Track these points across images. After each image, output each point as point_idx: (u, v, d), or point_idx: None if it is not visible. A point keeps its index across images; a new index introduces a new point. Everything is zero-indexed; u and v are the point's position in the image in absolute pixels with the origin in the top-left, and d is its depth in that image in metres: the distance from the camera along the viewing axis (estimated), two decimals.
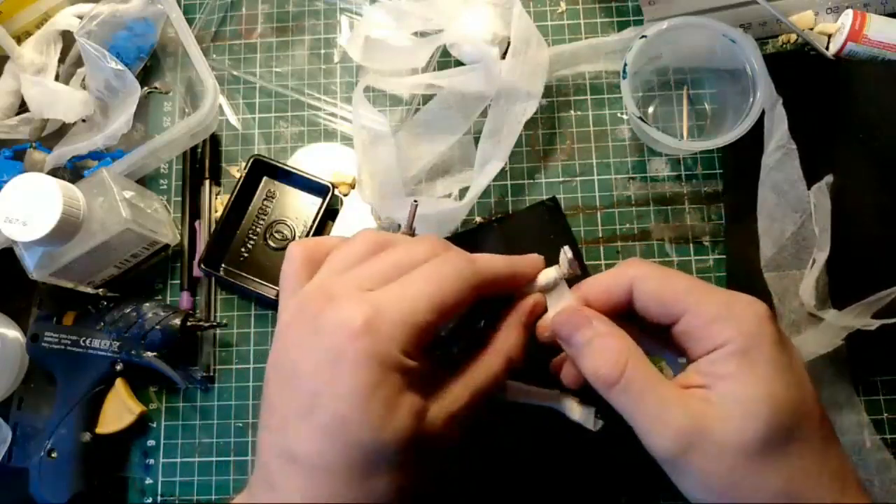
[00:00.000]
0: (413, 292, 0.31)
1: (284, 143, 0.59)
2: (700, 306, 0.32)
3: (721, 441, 0.30)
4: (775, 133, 0.49)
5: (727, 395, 0.31)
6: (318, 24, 0.61)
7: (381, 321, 0.30)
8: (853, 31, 0.53)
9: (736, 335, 0.31)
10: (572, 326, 0.34)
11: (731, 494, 0.30)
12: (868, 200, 0.51)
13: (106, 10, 0.55)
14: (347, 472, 0.29)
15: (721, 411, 0.30)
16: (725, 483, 0.30)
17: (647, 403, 0.31)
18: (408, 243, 0.34)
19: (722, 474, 0.30)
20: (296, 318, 0.32)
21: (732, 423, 0.30)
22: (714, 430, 0.30)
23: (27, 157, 0.55)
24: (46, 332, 0.53)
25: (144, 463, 0.54)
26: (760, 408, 0.30)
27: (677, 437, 0.30)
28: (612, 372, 0.32)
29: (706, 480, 0.31)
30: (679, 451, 0.30)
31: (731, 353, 0.31)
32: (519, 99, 0.52)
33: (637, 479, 0.50)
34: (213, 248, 0.55)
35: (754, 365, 0.31)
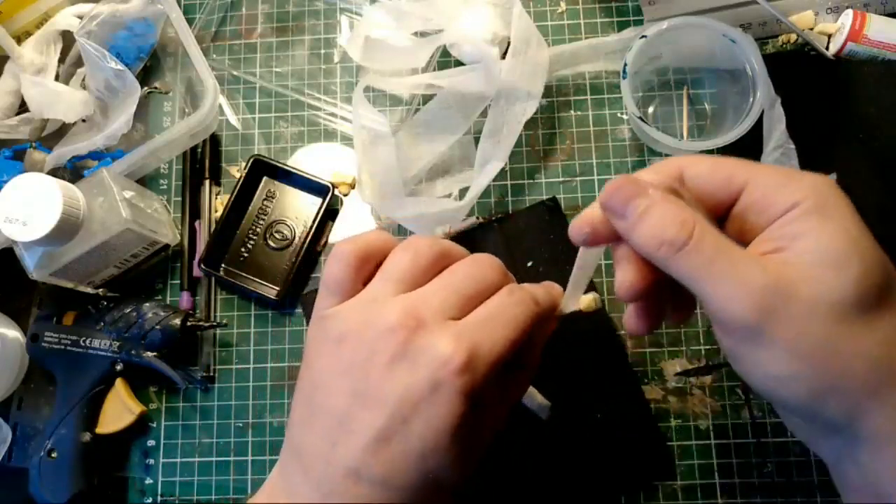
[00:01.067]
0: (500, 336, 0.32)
1: (284, 143, 0.59)
2: (762, 174, 0.30)
3: (810, 298, 0.27)
4: (774, 133, 0.49)
5: (810, 251, 0.28)
6: (318, 24, 0.61)
7: (478, 362, 0.31)
8: (853, 31, 0.53)
9: (809, 193, 0.28)
10: (626, 196, 0.30)
11: (825, 362, 0.27)
12: (868, 200, 0.51)
13: (106, 10, 0.55)
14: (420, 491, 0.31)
15: (806, 269, 0.27)
16: (817, 348, 0.27)
17: (721, 264, 0.28)
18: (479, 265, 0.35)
19: (813, 337, 0.27)
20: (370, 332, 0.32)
21: (822, 278, 0.27)
22: (801, 287, 0.27)
23: (27, 157, 0.55)
24: (46, 332, 0.53)
25: (144, 463, 0.54)
26: (851, 260, 0.27)
27: (760, 299, 0.27)
28: (681, 233, 0.28)
29: (794, 347, 0.27)
30: (762, 314, 0.27)
31: (807, 211, 0.28)
32: (519, 99, 0.52)
33: (636, 480, 0.50)
34: (213, 248, 0.55)
35: (834, 220, 0.28)
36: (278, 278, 0.55)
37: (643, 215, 0.29)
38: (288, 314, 0.55)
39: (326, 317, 0.34)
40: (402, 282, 0.33)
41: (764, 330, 0.27)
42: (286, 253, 0.56)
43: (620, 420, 0.50)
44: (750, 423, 0.50)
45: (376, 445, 0.30)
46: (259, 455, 0.53)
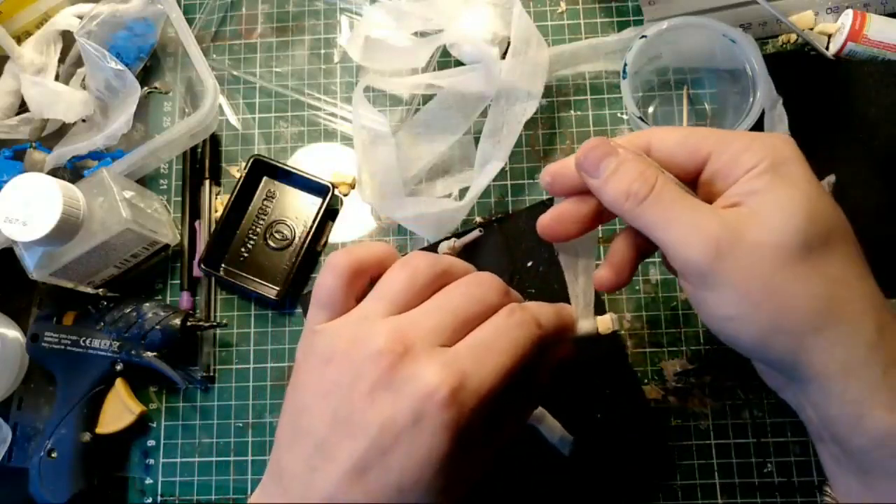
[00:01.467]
0: (493, 365, 0.30)
1: (284, 143, 0.59)
2: (726, 143, 0.32)
3: (759, 241, 0.29)
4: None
5: (762, 202, 0.30)
6: (318, 24, 0.61)
7: (466, 395, 0.29)
8: (853, 31, 0.53)
9: (766, 155, 0.31)
10: (599, 155, 0.33)
11: (770, 301, 0.30)
12: (868, 200, 0.51)
13: (106, 10, 0.55)
14: None
15: (757, 217, 0.30)
16: (763, 287, 0.29)
17: (678, 213, 0.31)
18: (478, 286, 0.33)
19: (761, 278, 0.29)
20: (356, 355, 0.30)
21: (770, 223, 0.30)
22: (750, 232, 0.30)
23: (27, 157, 0.55)
24: (46, 332, 0.53)
25: (144, 463, 0.54)
26: (798, 209, 0.30)
27: (711, 242, 0.30)
28: (643, 186, 0.31)
29: (742, 287, 0.30)
30: (713, 257, 0.30)
31: (763, 170, 0.31)
32: (519, 99, 0.52)
33: (636, 480, 0.50)
34: (213, 248, 0.55)
35: (787, 176, 0.31)
36: (278, 278, 0.55)
37: (613, 173, 0.32)
38: (288, 314, 0.55)
39: (316, 332, 0.32)
40: (395, 302, 0.32)
41: (716, 273, 0.30)
42: (286, 253, 0.56)
43: (620, 420, 0.50)
44: (750, 423, 0.50)
45: (354, 475, 0.29)
46: (259, 455, 0.53)
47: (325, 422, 0.30)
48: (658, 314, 0.52)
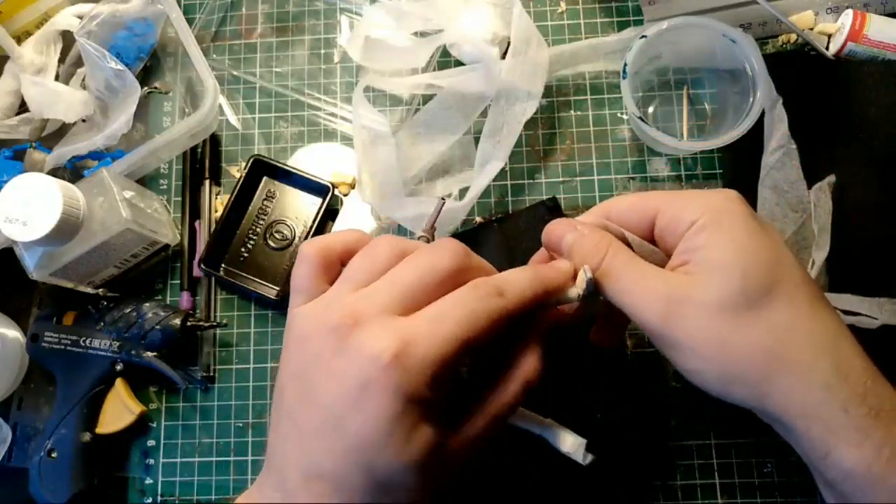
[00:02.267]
0: (445, 333, 0.31)
1: (284, 143, 0.59)
2: (672, 202, 0.35)
3: (701, 301, 0.32)
4: (775, 133, 0.49)
5: (702, 262, 0.33)
6: (318, 24, 0.61)
7: (411, 358, 0.30)
8: (853, 31, 0.53)
9: (704, 211, 0.33)
10: (560, 232, 0.37)
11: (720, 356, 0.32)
12: (868, 200, 0.51)
13: (106, 10, 0.55)
14: (367, 491, 0.31)
15: (698, 277, 0.33)
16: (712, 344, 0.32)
17: (628, 280, 0.34)
18: (430, 253, 0.33)
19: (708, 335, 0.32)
20: (318, 332, 0.32)
21: (710, 283, 0.32)
22: (693, 293, 0.32)
23: (27, 157, 0.55)
24: (46, 332, 0.53)
25: (144, 463, 0.54)
26: (735, 264, 0.32)
27: (660, 305, 0.32)
28: (594, 258, 0.35)
29: (694, 344, 0.32)
30: (664, 319, 0.32)
31: (702, 227, 0.33)
32: (519, 99, 0.52)
33: (636, 480, 0.50)
34: (213, 248, 0.55)
35: (724, 231, 0.33)
36: (278, 278, 0.55)
37: (573, 247, 0.36)
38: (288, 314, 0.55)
39: (291, 315, 0.34)
40: (356, 282, 0.33)
41: (669, 333, 0.33)
42: (286, 253, 0.56)
43: (620, 420, 0.50)
44: (750, 424, 0.50)
45: (319, 442, 0.31)
46: (259, 455, 0.53)
47: (294, 399, 0.32)
48: None
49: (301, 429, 0.32)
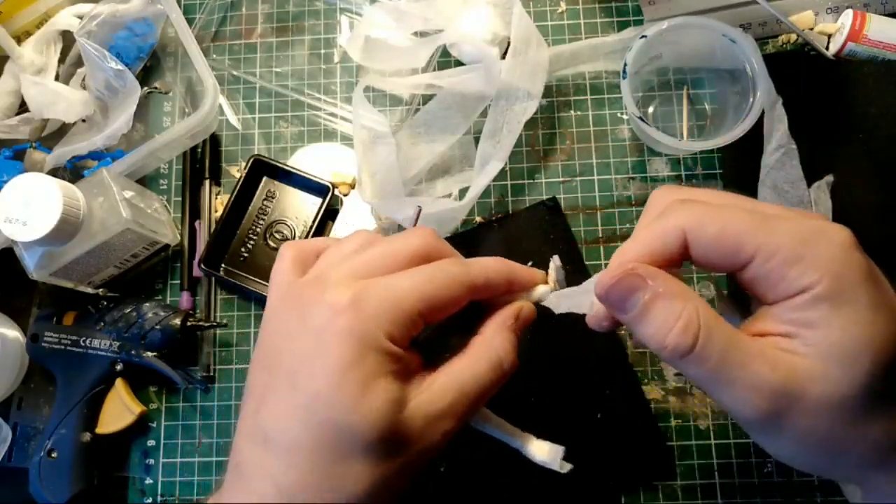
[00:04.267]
0: (403, 282, 0.31)
1: (284, 143, 0.59)
2: (771, 247, 0.27)
3: (819, 398, 0.27)
4: (775, 133, 0.49)
5: (819, 344, 0.27)
6: (318, 24, 0.61)
7: (366, 300, 0.29)
8: (853, 31, 0.53)
9: (821, 277, 0.27)
10: (624, 289, 0.28)
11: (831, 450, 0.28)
12: (868, 200, 0.51)
13: (106, 10, 0.55)
14: (318, 453, 0.28)
15: (815, 364, 0.27)
16: (824, 440, 0.28)
17: (729, 370, 0.27)
18: (400, 235, 0.34)
19: (821, 432, 0.27)
20: (284, 304, 0.32)
21: (830, 377, 0.27)
22: (810, 386, 0.27)
23: (27, 157, 0.55)
24: (46, 332, 0.53)
25: (144, 463, 0.54)
26: (860, 356, 0.26)
27: (769, 401, 0.27)
28: (685, 339, 0.27)
29: (804, 440, 0.28)
30: (772, 416, 0.27)
31: (818, 298, 0.27)
32: (519, 99, 0.52)
33: (636, 480, 0.50)
34: (213, 248, 0.55)
35: (847, 308, 0.27)
36: None
37: (644, 312, 0.28)
38: None
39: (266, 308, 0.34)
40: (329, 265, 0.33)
41: (774, 427, 0.28)
42: None
43: (620, 420, 0.50)
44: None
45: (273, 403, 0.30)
46: None
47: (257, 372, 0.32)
48: None
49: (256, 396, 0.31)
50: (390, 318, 0.29)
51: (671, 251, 0.29)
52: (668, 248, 0.29)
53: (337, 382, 0.28)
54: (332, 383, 0.28)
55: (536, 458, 0.34)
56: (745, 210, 0.29)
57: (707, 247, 0.29)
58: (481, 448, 0.49)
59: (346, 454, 0.29)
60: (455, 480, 0.50)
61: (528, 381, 0.50)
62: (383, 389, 0.29)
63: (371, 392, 0.28)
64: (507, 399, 0.40)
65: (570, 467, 0.33)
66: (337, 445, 0.28)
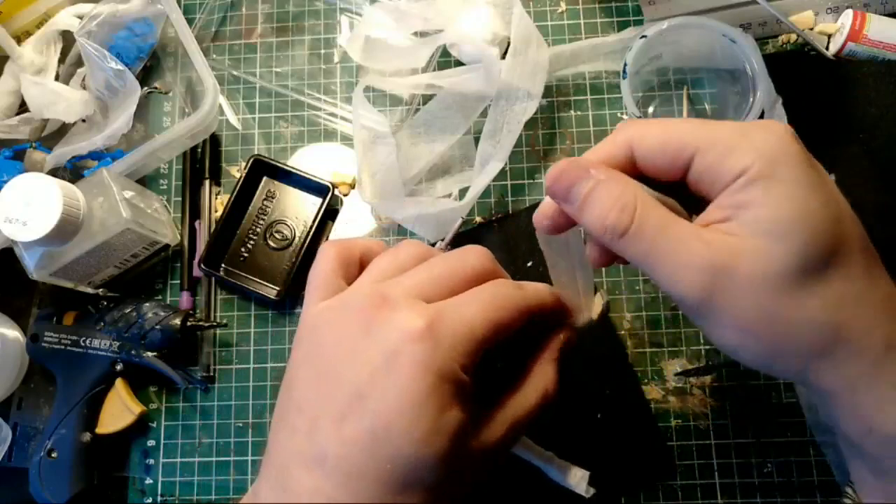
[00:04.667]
0: (473, 308, 0.30)
1: (284, 143, 0.59)
2: (711, 141, 0.28)
3: (751, 273, 0.27)
4: None
5: (753, 221, 0.27)
6: (318, 24, 0.61)
7: (443, 329, 0.29)
8: (853, 31, 0.53)
9: (756, 158, 0.27)
10: (568, 180, 0.29)
11: (768, 332, 0.28)
12: (868, 200, 0.51)
13: (106, 10, 0.55)
14: (382, 484, 0.28)
15: (748, 241, 0.27)
16: (761, 320, 0.27)
17: (664, 246, 0.28)
18: (460, 252, 0.33)
19: (756, 310, 0.27)
20: (341, 316, 0.31)
21: (762, 250, 0.27)
22: (742, 261, 0.27)
23: (27, 157, 0.55)
24: (46, 332, 0.53)
25: (144, 463, 0.54)
26: (793, 229, 0.27)
27: (702, 277, 0.27)
28: (622, 218, 0.28)
29: (739, 320, 0.28)
30: (705, 292, 0.27)
31: (753, 178, 0.27)
32: (519, 99, 0.52)
33: (636, 480, 0.50)
34: (213, 248, 0.55)
35: (781, 186, 0.27)
36: (278, 278, 0.55)
37: (587, 199, 0.29)
38: (288, 314, 0.55)
39: (308, 310, 0.33)
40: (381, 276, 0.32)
41: (709, 306, 0.28)
42: (286, 253, 0.56)
43: (620, 420, 0.50)
44: (750, 424, 0.50)
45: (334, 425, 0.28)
46: (259, 455, 0.53)
47: (306, 385, 0.30)
48: (658, 314, 0.52)
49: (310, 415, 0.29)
50: (465, 349, 0.29)
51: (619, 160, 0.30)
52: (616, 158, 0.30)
53: (411, 414, 0.28)
54: (405, 415, 0.28)
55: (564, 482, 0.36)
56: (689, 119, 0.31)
57: (651, 150, 0.30)
58: None
59: (409, 486, 0.28)
60: None
61: None
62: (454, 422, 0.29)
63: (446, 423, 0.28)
64: None
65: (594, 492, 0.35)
66: (401, 478, 0.28)
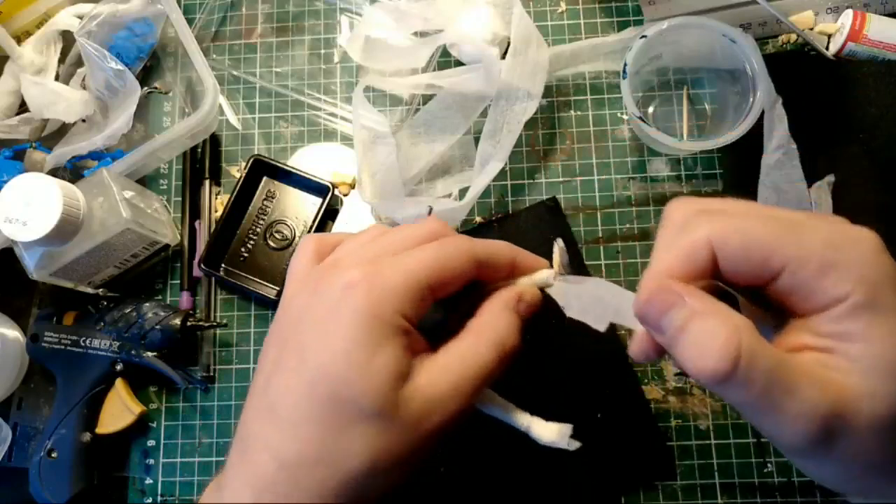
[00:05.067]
0: (414, 257, 0.31)
1: (284, 143, 0.59)
2: (802, 256, 0.26)
3: (870, 417, 0.25)
4: (775, 133, 0.49)
5: (862, 359, 0.25)
6: (318, 24, 0.61)
7: (379, 277, 0.30)
8: (853, 31, 0.53)
9: (856, 282, 0.25)
10: (660, 307, 0.26)
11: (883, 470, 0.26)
12: (868, 200, 0.51)
13: (106, 10, 0.55)
14: (320, 425, 0.29)
15: (861, 381, 0.25)
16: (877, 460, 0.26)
17: (775, 396, 0.25)
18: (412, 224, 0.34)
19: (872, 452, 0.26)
20: (299, 287, 0.33)
21: (878, 393, 0.25)
22: (859, 406, 0.25)
23: (27, 157, 0.55)
24: (46, 332, 0.53)
25: (144, 463, 0.54)
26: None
27: (820, 426, 0.25)
28: (722, 365, 0.25)
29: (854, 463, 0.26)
30: (821, 441, 0.25)
31: (856, 307, 0.25)
32: (519, 99, 0.52)
33: (636, 480, 0.50)
34: (213, 248, 0.55)
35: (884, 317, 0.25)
36: (278, 278, 0.55)
37: (682, 333, 0.26)
38: None
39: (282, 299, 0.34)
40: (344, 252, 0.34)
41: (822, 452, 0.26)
42: (286, 253, 0.56)
43: (620, 420, 0.50)
44: (750, 424, 0.50)
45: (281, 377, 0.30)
46: None
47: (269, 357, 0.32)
48: None
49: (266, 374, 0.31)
50: (401, 291, 0.30)
51: (701, 266, 0.27)
52: (698, 264, 0.27)
53: (344, 355, 0.28)
54: (339, 356, 0.29)
55: (544, 439, 0.33)
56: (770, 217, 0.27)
57: (735, 259, 0.27)
58: (481, 448, 0.49)
59: (345, 426, 0.29)
60: (455, 480, 0.50)
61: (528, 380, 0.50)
62: (389, 361, 0.29)
63: (377, 363, 0.29)
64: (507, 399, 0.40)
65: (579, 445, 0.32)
66: (339, 417, 0.28)
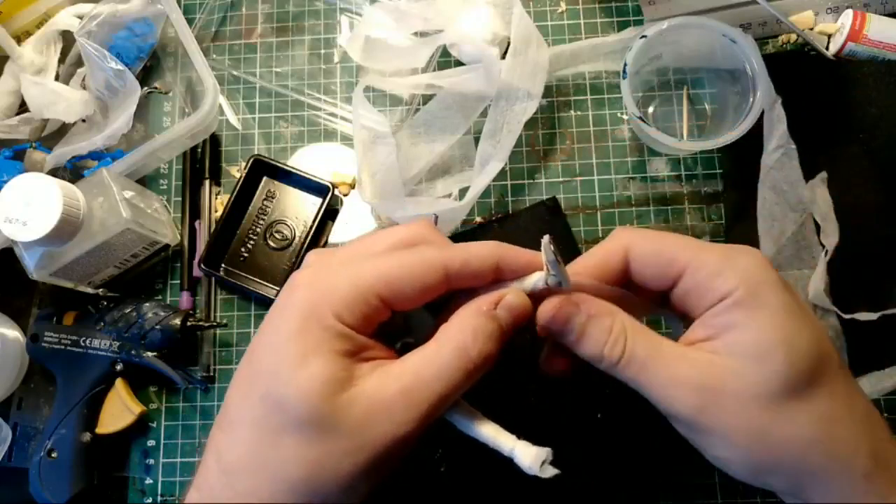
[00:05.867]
0: (368, 266, 0.30)
1: (284, 143, 0.59)
2: (698, 263, 0.31)
3: (737, 392, 0.29)
4: (775, 133, 0.49)
5: (736, 343, 0.30)
6: (318, 24, 0.61)
7: (324, 280, 0.30)
8: (853, 31, 0.53)
9: (740, 283, 0.30)
10: (563, 318, 0.31)
11: (757, 449, 0.29)
12: (868, 200, 0.51)
13: (106, 10, 0.55)
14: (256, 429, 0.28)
15: (732, 361, 0.29)
16: (749, 437, 0.29)
17: (654, 371, 0.30)
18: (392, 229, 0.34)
19: (746, 427, 0.29)
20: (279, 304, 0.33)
21: (749, 370, 0.29)
22: (728, 381, 0.29)
23: (27, 157, 0.55)
24: (46, 332, 0.53)
25: (144, 463, 0.54)
26: (777, 351, 0.29)
27: (692, 395, 0.29)
28: (614, 351, 0.31)
29: (730, 437, 0.30)
30: (696, 410, 0.29)
31: (737, 302, 0.30)
32: (519, 99, 0.52)
33: (636, 479, 0.50)
34: (213, 248, 0.55)
35: (762, 311, 0.30)
36: (278, 278, 0.55)
37: (581, 334, 0.31)
38: None
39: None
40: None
41: (700, 423, 0.30)
42: (286, 253, 0.56)
43: (620, 420, 0.50)
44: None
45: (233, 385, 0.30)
46: None
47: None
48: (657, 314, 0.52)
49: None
50: (341, 295, 0.29)
51: (614, 268, 0.33)
52: (611, 265, 0.33)
53: (277, 354, 0.28)
54: (271, 355, 0.29)
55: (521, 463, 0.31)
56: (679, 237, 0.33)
57: (644, 261, 0.33)
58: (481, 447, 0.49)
59: (279, 430, 0.28)
60: (455, 480, 0.50)
61: (528, 381, 0.50)
62: (322, 366, 0.28)
63: (309, 367, 0.28)
64: (507, 399, 0.40)
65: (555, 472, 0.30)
66: (272, 420, 0.28)
